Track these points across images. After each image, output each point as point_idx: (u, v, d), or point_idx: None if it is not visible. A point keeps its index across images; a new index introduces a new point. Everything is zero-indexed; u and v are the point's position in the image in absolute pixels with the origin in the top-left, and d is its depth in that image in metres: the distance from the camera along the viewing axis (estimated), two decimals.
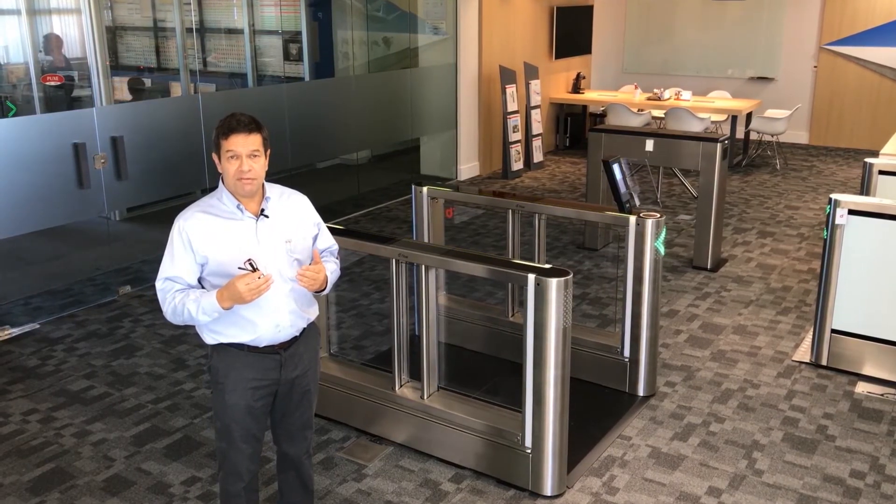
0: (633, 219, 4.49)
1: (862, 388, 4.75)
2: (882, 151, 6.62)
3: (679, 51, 12.54)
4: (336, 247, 3.22)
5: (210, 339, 2.95)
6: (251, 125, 2.81)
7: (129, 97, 7.84)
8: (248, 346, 2.93)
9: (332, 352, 4.67)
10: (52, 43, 6.72)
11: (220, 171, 2.88)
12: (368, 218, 8.39)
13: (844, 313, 4.92)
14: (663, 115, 10.27)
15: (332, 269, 3.09)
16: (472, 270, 3.82)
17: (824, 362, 5.00)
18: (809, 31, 11.61)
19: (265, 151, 2.87)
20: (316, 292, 3.01)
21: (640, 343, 4.62)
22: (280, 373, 2.98)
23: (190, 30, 7.98)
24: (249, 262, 2.78)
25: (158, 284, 2.88)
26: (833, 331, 4.96)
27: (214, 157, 2.88)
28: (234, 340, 2.92)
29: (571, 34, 11.63)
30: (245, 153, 2.79)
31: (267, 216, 2.91)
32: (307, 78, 9.07)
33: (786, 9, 11.68)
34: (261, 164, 2.85)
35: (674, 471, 3.96)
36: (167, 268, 2.86)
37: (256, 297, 2.74)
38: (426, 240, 5.20)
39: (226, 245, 2.84)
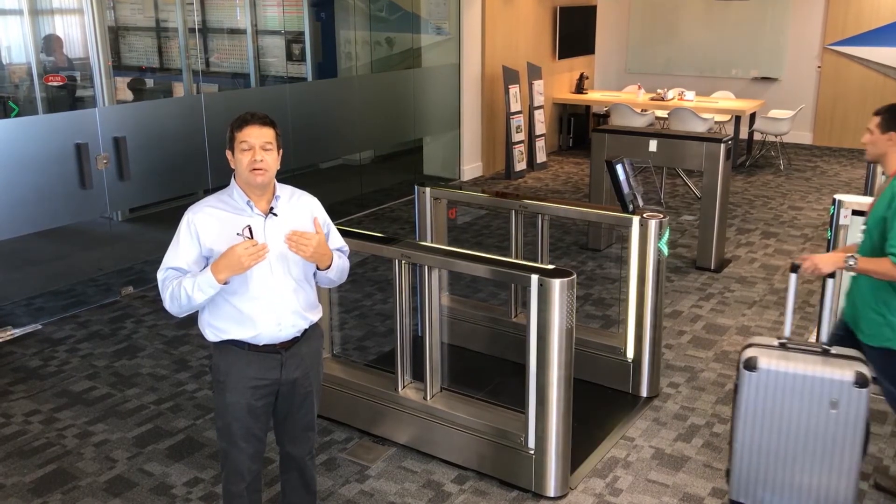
0: (636, 219, 4.48)
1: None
2: None
3: (683, 51, 12.52)
4: (347, 248, 3.22)
5: (212, 336, 2.95)
6: (265, 119, 2.89)
7: (132, 97, 7.85)
8: (249, 345, 2.93)
9: (335, 352, 4.66)
10: (53, 43, 6.72)
11: (232, 166, 2.90)
12: (371, 218, 8.38)
13: None
14: (667, 116, 10.26)
15: (338, 263, 3.07)
16: (475, 271, 3.81)
17: None
18: (813, 32, 11.59)
19: (277, 148, 2.90)
20: (321, 270, 2.99)
21: (644, 344, 4.61)
22: (281, 373, 2.98)
23: (192, 30, 7.98)
24: (248, 227, 2.81)
25: (160, 274, 2.89)
26: None
27: (228, 153, 2.91)
28: (235, 337, 2.92)
29: (575, 34, 11.62)
30: (258, 144, 2.83)
31: (276, 214, 2.92)
32: (310, 78, 9.08)
33: (790, 9, 11.66)
34: (273, 158, 2.88)
35: (677, 472, 3.94)
36: (171, 258, 2.88)
37: (255, 262, 2.75)
38: (429, 240, 5.19)
39: (232, 240, 2.85)
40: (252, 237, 2.79)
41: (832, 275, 3.66)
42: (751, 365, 3.38)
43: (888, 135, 3.44)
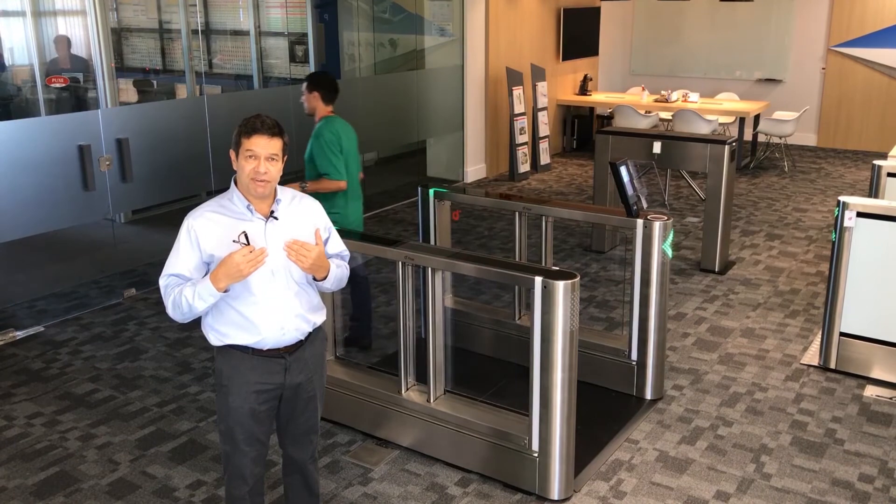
0: (640, 221, 4.46)
1: (871, 391, 4.72)
2: (891, 153, 6.58)
3: (687, 52, 12.50)
4: (347, 253, 3.19)
5: (216, 340, 2.94)
6: (275, 129, 2.82)
7: (135, 99, 7.85)
8: (253, 349, 2.91)
9: (339, 355, 4.65)
10: (58, 45, 6.73)
11: (234, 168, 2.87)
12: (375, 220, 8.37)
13: (853, 316, 4.88)
14: (671, 117, 10.24)
15: (335, 273, 3.04)
16: (479, 273, 3.80)
17: (833, 365, 4.96)
18: (818, 33, 11.57)
19: (283, 157, 2.87)
20: (317, 280, 2.97)
21: (648, 346, 4.59)
22: (285, 377, 2.96)
23: (196, 31, 7.99)
24: (244, 233, 2.77)
25: (162, 281, 2.87)
26: (841, 334, 4.92)
27: (231, 153, 2.88)
28: (238, 342, 2.90)
29: (578, 36, 11.60)
30: (264, 155, 2.79)
31: (276, 218, 2.90)
32: None
33: (794, 10, 11.64)
34: (277, 169, 2.84)
35: (681, 475, 3.93)
36: (172, 264, 2.85)
37: (254, 269, 2.71)
38: (433, 242, 5.18)
39: (233, 246, 2.83)
40: (248, 243, 2.75)
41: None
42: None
43: (314, 94, 4.80)
